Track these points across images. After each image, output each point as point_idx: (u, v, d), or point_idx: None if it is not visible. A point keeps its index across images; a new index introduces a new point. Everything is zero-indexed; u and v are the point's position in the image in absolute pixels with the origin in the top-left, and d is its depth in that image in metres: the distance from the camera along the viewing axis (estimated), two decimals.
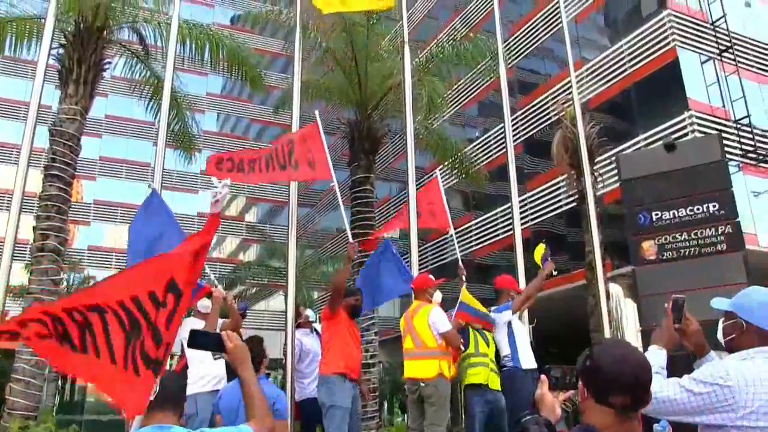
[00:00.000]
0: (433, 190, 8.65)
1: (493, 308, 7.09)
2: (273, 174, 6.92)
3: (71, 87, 12.62)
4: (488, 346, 6.76)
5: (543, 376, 2.31)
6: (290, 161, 6.87)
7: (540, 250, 7.39)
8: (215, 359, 6.63)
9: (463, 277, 7.56)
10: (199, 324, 6.67)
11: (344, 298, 6.45)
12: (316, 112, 7.23)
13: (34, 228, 11.95)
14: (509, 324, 6.84)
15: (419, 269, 7.98)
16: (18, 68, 36.99)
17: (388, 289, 7.44)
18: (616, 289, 19.76)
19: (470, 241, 28.14)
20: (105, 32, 13.34)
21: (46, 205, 11.88)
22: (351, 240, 6.95)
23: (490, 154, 27.82)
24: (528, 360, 6.75)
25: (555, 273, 7.14)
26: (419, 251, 8.28)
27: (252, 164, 6.80)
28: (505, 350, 6.79)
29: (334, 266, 29.08)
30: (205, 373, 6.52)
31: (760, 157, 20.31)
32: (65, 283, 28.84)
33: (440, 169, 11.02)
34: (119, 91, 35.07)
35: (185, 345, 6.36)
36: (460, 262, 7.91)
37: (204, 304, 6.95)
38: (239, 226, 46.20)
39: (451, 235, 9.20)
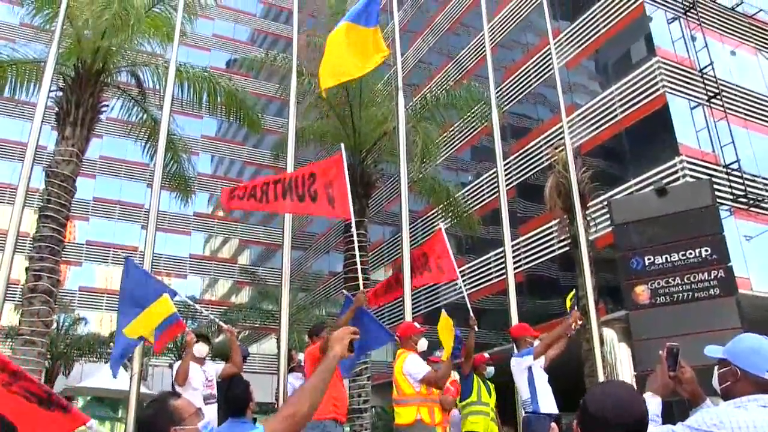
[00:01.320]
0: (439, 244, 8.62)
1: (514, 354, 7.06)
2: (291, 204, 6.66)
3: (68, 129, 12.70)
4: (490, 395, 6.71)
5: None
6: (310, 192, 6.65)
7: (570, 296, 7.40)
8: (207, 404, 6.58)
9: (475, 327, 7.56)
10: (195, 368, 6.64)
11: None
12: (341, 146, 7.09)
13: (26, 269, 11.90)
14: (530, 369, 6.79)
15: (412, 314, 7.95)
16: (14, 109, 37.21)
17: (374, 338, 7.26)
18: (610, 333, 19.69)
19: (463, 285, 28.02)
20: (103, 75, 13.50)
21: (40, 246, 11.84)
22: (362, 288, 6.76)
23: (483, 198, 27.97)
24: (548, 404, 6.69)
25: (580, 323, 7.06)
26: (411, 295, 8.26)
27: (266, 190, 6.58)
28: (525, 394, 6.75)
29: (326, 310, 28.93)
30: None
31: (751, 202, 20.49)
32: (56, 325, 28.53)
33: (434, 213, 11.04)
34: (115, 132, 35.26)
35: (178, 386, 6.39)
36: (470, 312, 7.81)
37: (200, 349, 6.93)
38: (232, 269, 46.04)
39: (456, 283, 9.14)
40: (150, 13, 13.62)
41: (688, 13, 23.01)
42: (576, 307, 7.23)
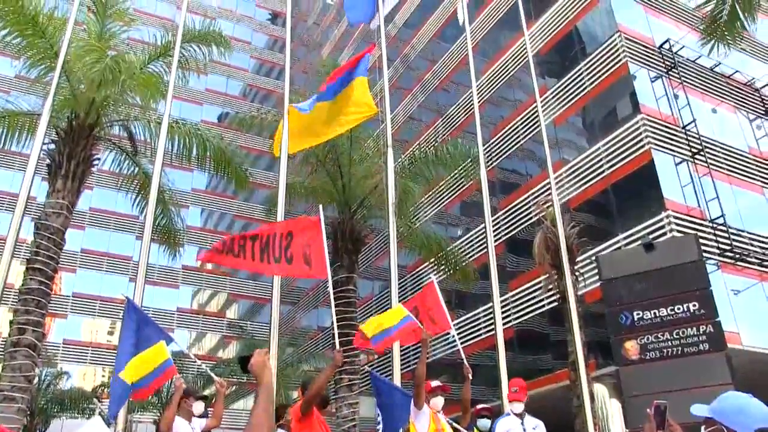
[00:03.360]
0: (431, 296, 8.51)
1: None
2: (265, 266, 6.68)
3: (59, 182, 12.71)
4: None
5: None
6: (285, 254, 6.67)
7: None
8: None
9: (469, 377, 7.46)
10: (182, 423, 6.57)
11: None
12: (320, 207, 7.17)
13: (11, 322, 11.68)
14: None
15: (401, 370, 7.88)
16: (4, 159, 37.28)
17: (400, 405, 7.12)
18: (601, 389, 19.51)
19: (452, 340, 27.84)
20: (96, 129, 13.60)
21: (26, 299, 11.67)
22: (338, 346, 6.68)
23: (472, 253, 28.03)
24: None
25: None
26: (401, 351, 8.21)
27: (242, 246, 6.60)
28: None
29: (314, 365, 28.55)
30: None
31: (737, 256, 20.65)
32: (37, 379, 27.98)
33: (424, 268, 11.03)
34: (104, 184, 35.32)
35: None
36: (465, 362, 7.73)
37: (197, 407, 6.87)
38: (220, 323, 45.56)
39: (449, 334, 9.03)
40: (145, 70, 13.84)
41: (670, 72, 23.63)
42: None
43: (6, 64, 37.82)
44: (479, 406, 8.09)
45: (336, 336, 6.57)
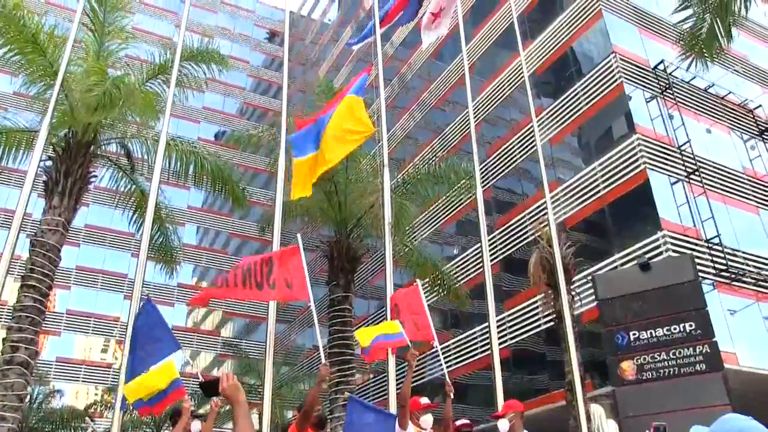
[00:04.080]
0: (415, 300, 8.22)
1: None
2: (249, 292, 6.86)
3: (56, 198, 12.70)
4: None
5: None
6: (268, 281, 6.82)
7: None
8: None
9: (451, 395, 7.40)
10: None
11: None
12: (298, 235, 7.25)
13: (3, 339, 11.60)
14: None
15: (396, 388, 7.84)
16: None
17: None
18: (598, 409, 19.42)
19: (448, 361, 27.76)
20: (93, 147, 13.62)
21: (20, 316, 11.59)
22: (324, 360, 6.64)
23: (468, 272, 28.00)
24: None
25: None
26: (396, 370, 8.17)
27: (225, 279, 6.76)
28: None
29: (310, 385, 28.38)
30: None
31: (733, 276, 20.67)
32: (29, 398, 27.73)
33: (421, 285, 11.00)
34: (101, 200, 35.26)
35: None
36: (447, 378, 7.68)
37: (195, 426, 6.84)
38: (215, 341, 45.31)
39: (435, 352, 8.98)
40: (143, 88, 13.89)
41: (665, 93, 23.80)
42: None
43: (4, 81, 37.94)
44: (458, 422, 7.98)
45: (321, 349, 6.58)
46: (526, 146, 26.87)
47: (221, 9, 57.74)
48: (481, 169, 10.78)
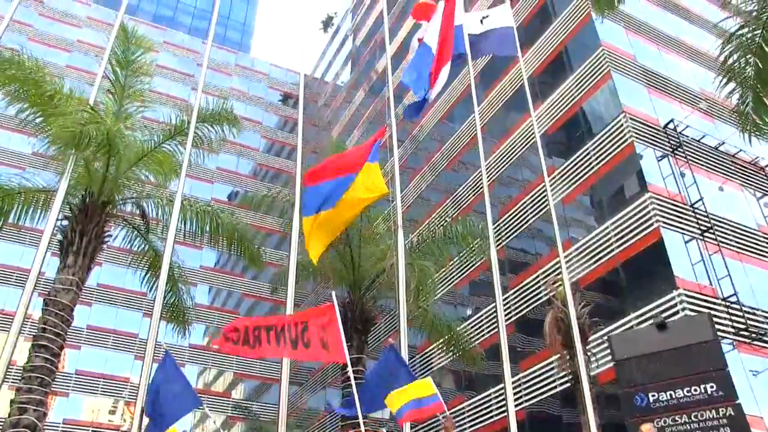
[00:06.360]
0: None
1: None
2: (284, 350, 6.79)
3: (70, 258, 12.77)
4: None
5: None
6: (303, 339, 6.75)
7: None
8: None
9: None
10: None
11: None
12: (333, 294, 7.22)
13: (12, 401, 11.45)
14: None
15: None
16: (12, 233, 37.48)
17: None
18: None
19: (463, 423, 27.16)
20: (109, 207, 13.77)
21: (30, 377, 11.49)
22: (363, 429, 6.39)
23: (482, 333, 27.67)
24: None
25: None
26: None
27: (257, 335, 6.68)
28: None
29: None
30: None
31: (754, 335, 20.26)
32: None
33: (433, 348, 10.85)
34: (113, 260, 35.39)
35: None
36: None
37: None
38: (225, 403, 44.65)
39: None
40: (159, 149, 14.13)
41: (676, 152, 23.90)
42: None
43: (20, 140, 38.72)
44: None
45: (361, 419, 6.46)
46: (539, 206, 26.89)
47: (236, 72, 59.19)
48: (494, 229, 10.77)
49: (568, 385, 17.87)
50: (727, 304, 20.55)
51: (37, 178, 15.35)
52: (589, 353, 16.24)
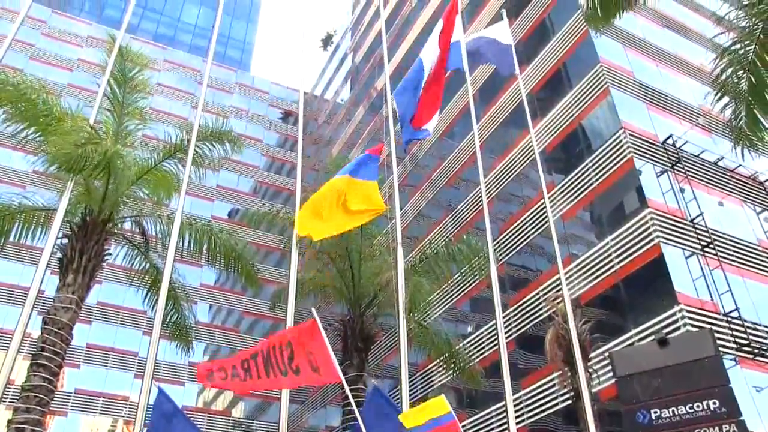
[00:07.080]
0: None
1: None
2: (274, 381, 6.71)
3: (70, 276, 12.75)
4: None
5: None
6: (291, 367, 6.66)
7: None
8: None
9: None
10: None
11: None
12: (313, 310, 7.14)
13: (9, 421, 11.35)
14: None
15: None
16: (11, 251, 37.34)
17: None
18: None
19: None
20: (109, 225, 13.77)
21: (27, 396, 11.41)
22: None
23: (483, 350, 27.56)
24: None
25: None
26: None
27: (247, 368, 6.60)
28: None
29: None
30: None
31: (756, 351, 20.16)
32: None
33: (434, 366, 10.83)
34: (113, 278, 35.30)
35: None
36: None
37: None
38: (225, 422, 44.34)
39: None
40: (159, 168, 14.16)
41: (675, 167, 23.93)
42: None
43: (21, 159, 38.75)
44: None
45: None
46: (539, 222, 26.89)
47: (236, 90, 59.46)
48: (494, 246, 10.77)
49: (570, 402, 17.77)
50: (729, 319, 20.47)
51: (38, 197, 15.37)
52: (590, 370, 16.17)
